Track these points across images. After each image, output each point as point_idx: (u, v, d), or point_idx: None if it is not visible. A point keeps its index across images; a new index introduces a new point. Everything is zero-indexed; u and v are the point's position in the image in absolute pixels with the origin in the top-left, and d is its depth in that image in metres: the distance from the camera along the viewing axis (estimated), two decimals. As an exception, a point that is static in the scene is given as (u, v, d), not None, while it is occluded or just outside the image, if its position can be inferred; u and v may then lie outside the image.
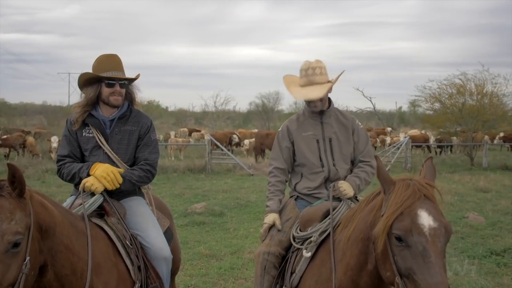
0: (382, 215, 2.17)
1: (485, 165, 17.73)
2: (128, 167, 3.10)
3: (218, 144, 17.71)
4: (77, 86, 3.13)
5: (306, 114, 3.31)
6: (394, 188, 2.18)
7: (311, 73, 3.17)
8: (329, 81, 3.21)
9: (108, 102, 3.06)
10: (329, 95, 3.29)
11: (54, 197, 2.55)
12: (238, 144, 23.09)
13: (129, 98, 3.19)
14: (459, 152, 22.41)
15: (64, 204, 2.98)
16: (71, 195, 3.07)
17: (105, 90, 3.04)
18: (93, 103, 3.08)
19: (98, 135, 3.05)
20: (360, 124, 3.37)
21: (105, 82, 3.03)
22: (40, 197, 2.30)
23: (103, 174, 2.87)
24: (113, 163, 3.03)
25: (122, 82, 3.08)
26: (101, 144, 3.04)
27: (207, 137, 17.42)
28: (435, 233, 2.03)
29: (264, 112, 45.35)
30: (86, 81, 3.07)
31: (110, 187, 2.89)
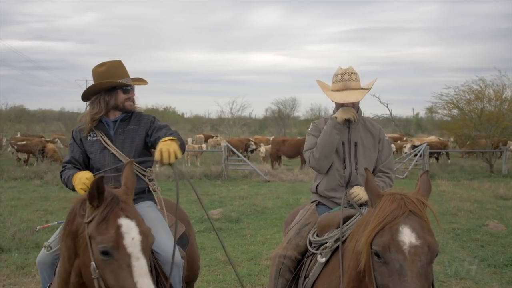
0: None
1: (504, 172, 17.44)
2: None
3: (235, 150, 17.76)
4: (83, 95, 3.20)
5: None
6: (379, 202, 2.14)
7: (347, 78, 3.22)
8: (362, 88, 3.26)
9: (124, 107, 3.16)
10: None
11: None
12: (253, 150, 23.12)
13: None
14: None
15: None
16: None
17: (121, 97, 3.14)
18: (112, 108, 3.16)
19: (102, 137, 3.14)
20: (386, 135, 3.40)
21: (122, 88, 3.14)
22: None
23: (80, 186, 2.85)
24: (119, 161, 3.08)
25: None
26: (106, 145, 3.12)
27: (224, 143, 17.47)
28: (416, 251, 1.96)
29: (280, 118, 45.38)
30: (101, 89, 3.13)
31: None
